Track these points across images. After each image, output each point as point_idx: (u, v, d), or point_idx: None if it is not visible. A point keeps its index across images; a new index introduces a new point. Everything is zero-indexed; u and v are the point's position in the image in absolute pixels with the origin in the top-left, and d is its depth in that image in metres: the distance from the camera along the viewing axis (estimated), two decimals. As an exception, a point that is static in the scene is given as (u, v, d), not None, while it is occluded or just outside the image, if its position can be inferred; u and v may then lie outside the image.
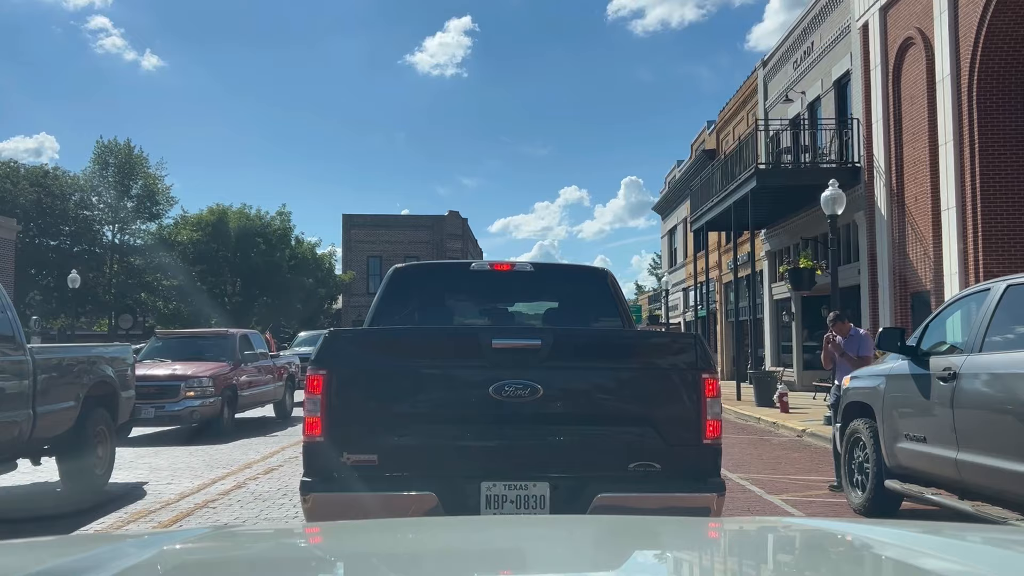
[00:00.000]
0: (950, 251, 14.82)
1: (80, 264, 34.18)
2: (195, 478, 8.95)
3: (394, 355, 3.95)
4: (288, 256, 41.21)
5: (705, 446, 3.82)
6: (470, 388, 3.78)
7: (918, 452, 6.00)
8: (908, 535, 1.76)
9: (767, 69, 25.65)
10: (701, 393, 3.81)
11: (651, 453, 3.76)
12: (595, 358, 3.96)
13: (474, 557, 1.59)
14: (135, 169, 37.31)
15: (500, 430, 3.80)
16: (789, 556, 1.72)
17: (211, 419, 12.03)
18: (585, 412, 3.86)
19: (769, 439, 13.14)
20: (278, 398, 14.68)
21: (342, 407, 3.79)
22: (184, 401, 11.58)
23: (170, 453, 10.86)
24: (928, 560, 1.52)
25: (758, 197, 19.28)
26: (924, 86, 15.76)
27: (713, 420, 3.81)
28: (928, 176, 15.65)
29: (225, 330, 13.67)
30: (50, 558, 1.57)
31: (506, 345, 3.79)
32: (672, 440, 3.79)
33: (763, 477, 9.11)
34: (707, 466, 3.85)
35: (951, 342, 6.17)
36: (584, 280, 6.01)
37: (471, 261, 6.14)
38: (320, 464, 3.77)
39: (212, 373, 12.03)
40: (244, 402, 13.11)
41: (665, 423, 3.81)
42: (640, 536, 1.86)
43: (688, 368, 3.85)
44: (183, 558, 1.60)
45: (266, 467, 9.67)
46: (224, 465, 9.85)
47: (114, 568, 1.39)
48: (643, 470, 3.75)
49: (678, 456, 3.79)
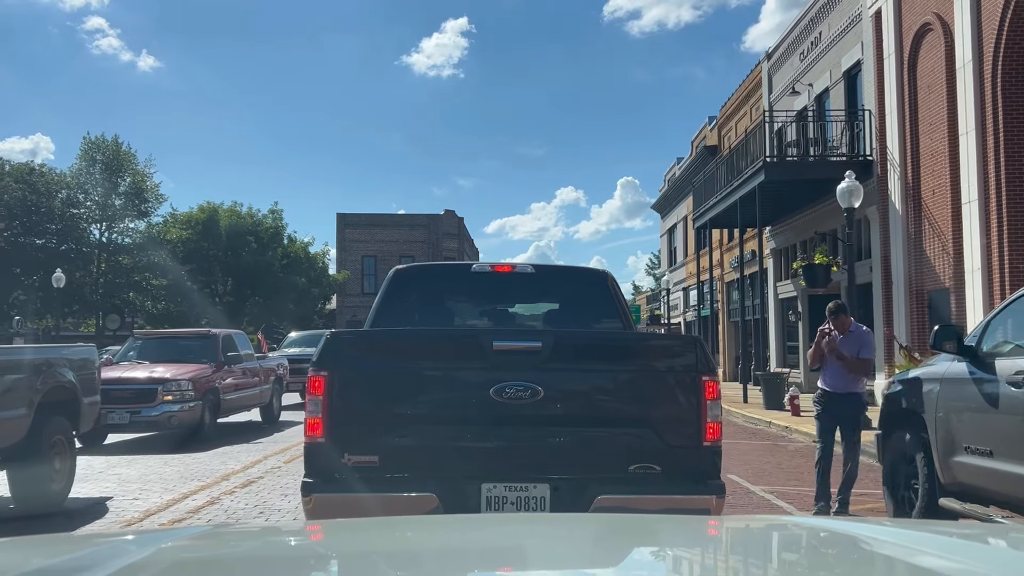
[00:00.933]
0: (972, 246, 14.08)
1: (67, 263, 33.34)
2: (166, 492, 8.17)
3: (395, 356, 3.98)
4: (280, 255, 40.42)
5: (705, 448, 3.83)
6: (471, 389, 3.80)
7: (982, 467, 5.24)
8: (908, 534, 1.78)
9: (772, 62, 24.94)
10: (701, 395, 3.82)
11: (651, 455, 3.80)
12: (595, 360, 3.98)
13: (472, 555, 1.58)
14: (123, 166, 36.38)
15: (500, 431, 3.82)
16: (788, 554, 1.72)
17: (191, 425, 11.19)
18: (585, 414, 3.89)
19: (784, 445, 12.40)
20: (264, 402, 13.78)
21: (343, 408, 3.82)
22: (161, 406, 10.76)
23: (144, 463, 10.07)
24: (928, 559, 1.51)
25: (766, 192, 18.57)
26: (943, 74, 15.03)
27: (713, 422, 3.82)
28: (947, 168, 14.93)
29: (207, 330, 12.80)
30: (48, 556, 1.57)
31: (507, 347, 3.81)
32: (672, 442, 3.83)
33: (788, 490, 8.36)
34: (707, 468, 3.86)
35: (1016, 342, 5.39)
36: (584, 282, 6.06)
37: (472, 263, 6.10)
38: (321, 465, 3.79)
39: (192, 376, 11.22)
40: (227, 406, 12.28)
41: (665, 425, 3.84)
42: (639, 534, 1.85)
43: (688, 370, 3.87)
44: (181, 556, 1.58)
45: (245, 479, 8.89)
46: (200, 476, 9.07)
47: (112, 566, 1.38)
48: (643, 472, 3.78)
49: (678, 458, 3.83)
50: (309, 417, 3.81)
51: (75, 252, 35.65)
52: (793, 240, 22.96)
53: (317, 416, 3.77)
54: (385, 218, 53.29)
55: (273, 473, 9.21)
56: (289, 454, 10.64)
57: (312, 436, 3.80)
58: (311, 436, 3.80)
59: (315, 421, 3.78)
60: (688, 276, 35.41)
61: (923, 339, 15.38)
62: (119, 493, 8.16)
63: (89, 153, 36.06)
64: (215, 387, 11.82)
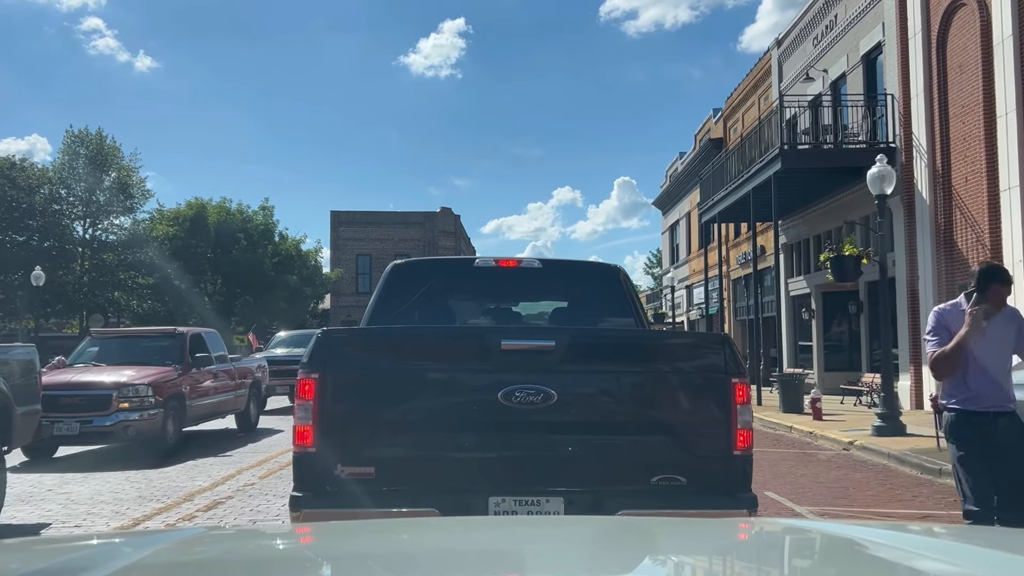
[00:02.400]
0: (1012, 236, 12.99)
1: (49, 261, 32.06)
2: (117, 516, 7.03)
3: (393, 357, 3.67)
4: (271, 253, 39.18)
5: (735, 457, 3.52)
6: (476, 393, 3.54)
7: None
8: (909, 537, 1.78)
9: (782, 49, 23.85)
10: (731, 399, 3.51)
11: (676, 465, 3.53)
12: (614, 361, 3.66)
13: (472, 557, 1.56)
14: (107, 160, 35.06)
15: (509, 439, 3.52)
16: (790, 557, 1.71)
17: (151, 435, 9.94)
18: (603, 420, 3.60)
19: (814, 454, 11.30)
20: (240, 408, 12.48)
21: (336, 414, 3.54)
22: (117, 414, 9.49)
23: (101, 480, 8.90)
24: (927, 562, 1.50)
25: (781, 182, 17.45)
26: (978, 52, 13.94)
27: (744, 429, 3.53)
28: (982, 153, 13.83)
29: (173, 328, 11.56)
30: (46, 558, 1.58)
31: (517, 346, 3.50)
32: (699, 451, 3.57)
33: (839, 511, 7.24)
34: (737, 479, 3.55)
35: None
36: (595, 277, 5.65)
37: (474, 257, 5.69)
38: (312, 477, 3.50)
39: (152, 380, 9.96)
40: (195, 413, 11.04)
41: (691, 432, 3.59)
42: (640, 536, 1.83)
43: (716, 372, 3.56)
44: (179, 558, 1.58)
45: (213, 499, 7.75)
46: (160, 496, 7.91)
47: (109, 568, 1.37)
48: (667, 484, 3.50)
49: (706, 468, 3.55)
50: (298, 424, 3.47)
51: (57, 249, 34.29)
52: (806, 234, 21.87)
53: (307, 423, 3.45)
54: (380, 216, 52.00)
55: (244, 492, 8.06)
56: (266, 468, 9.49)
57: (302, 445, 3.47)
58: (301, 445, 3.47)
59: (305, 428, 3.45)
60: (692, 274, 34.33)
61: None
62: (61, 518, 7.01)
63: (72, 147, 34.69)
64: (180, 392, 10.59)
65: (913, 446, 10.56)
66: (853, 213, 18.01)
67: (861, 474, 9.47)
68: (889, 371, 12.44)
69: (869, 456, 10.76)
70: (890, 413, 11.87)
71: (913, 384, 15.91)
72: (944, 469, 9.11)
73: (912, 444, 10.77)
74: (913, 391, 15.86)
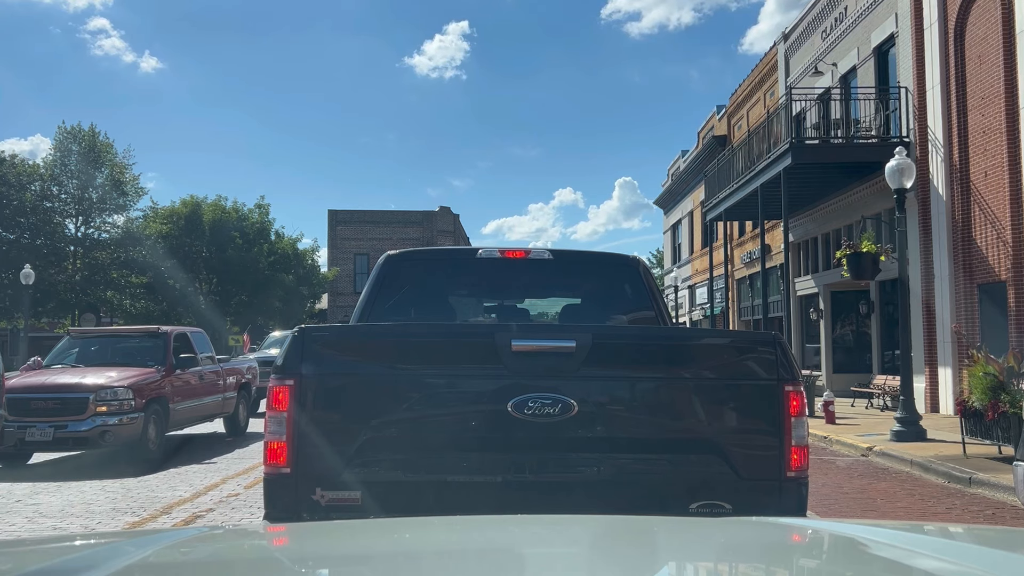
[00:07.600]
0: (1036, 233, 12.45)
1: (40, 259, 31.48)
2: (84, 532, 6.44)
3: (383, 360, 3.13)
4: (267, 251, 38.56)
5: (789, 480, 3.02)
6: (482, 403, 3.03)
7: None
8: (907, 536, 1.76)
9: (788, 43, 23.32)
10: (784, 411, 3.00)
11: (719, 490, 3.01)
12: (645, 365, 3.13)
13: (471, 557, 1.54)
14: (100, 157, 34.46)
15: (521, 458, 3.01)
16: (791, 556, 1.70)
17: (131, 441, 9.35)
18: (632, 435, 3.09)
19: (831, 460, 10.74)
20: (228, 412, 11.89)
21: (315, 428, 2.99)
22: (93, 418, 8.90)
23: (75, 489, 8.33)
24: (928, 561, 1.48)
25: (791, 177, 16.91)
26: (999, 41, 13.40)
27: (799, 446, 3.02)
28: (1004, 146, 13.29)
29: (156, 328, 10.94)
30: (47, 556, 1.57)
31: (530, 347, 3.00)
32: (746, 473, 3.04)
33: (871, 527, 6.67)
34: (791, 507, 3.01)
35: None
36: (612, 269, 5.09)
37: (477, 248, 5.07)
38: (284, 503, 2.99)
39: (132, 382, 9.37)
40: (178, 417, 10.46)
41: (737, 450, 3.05)
42: (641, 536, 1.80)
43: (767, 378, 3.04)
44: (180, 557, 1.57)
45: (192, 511, 7.19)
46: (136, 508, 7.35)
47: (110, 567, 1.37)
48: (708, 511, 2.97)
49: (754, 493, 3.03)
50: (270, 440, 2.96)
51: (49, 248, 33.69)
52: (814, 232, 21.33)
53: (280, 439, 2.94)
54: (378, 215, 51.43)
55: (227, 504, 7.50)
56: (252, 476, 8.93)
57: (274, 465, 2.95)
58: (273, 465, 2.96)
59: (278, 445, 2.94)
60: (695, 273, 33.79)
61: (971, 337, 13.79)
62: (24, 533, 6.45)
63: (64, 143, 34.13)
64: (163, 395, 10.00)
65: (937, 452, 10.02)
66: (863, 210, 17.47)
67: (886, 483, 8.92)
68: (908, 373, 11.90)
69: (890, 463, 10.22)
70: (910, 417, 11.33)
71: (928, 386, 15.36)
72: (975, 478, 8.57)
73: (936, 450, 10.22)
74: (928, 394, 15.30)
